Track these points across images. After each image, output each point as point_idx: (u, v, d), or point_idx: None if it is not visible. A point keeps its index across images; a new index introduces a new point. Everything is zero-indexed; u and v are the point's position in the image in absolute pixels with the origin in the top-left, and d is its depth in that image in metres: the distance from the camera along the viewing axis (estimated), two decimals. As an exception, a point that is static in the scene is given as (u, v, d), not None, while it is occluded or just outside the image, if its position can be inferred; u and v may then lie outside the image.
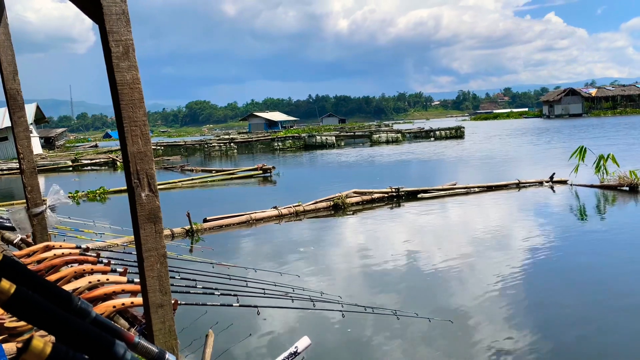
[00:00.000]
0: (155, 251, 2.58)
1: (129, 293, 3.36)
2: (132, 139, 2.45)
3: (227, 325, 4.91)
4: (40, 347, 0.98)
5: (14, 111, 4.41)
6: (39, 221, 4.52)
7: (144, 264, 2.56)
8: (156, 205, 2.54)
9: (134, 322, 3.37)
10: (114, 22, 2.38)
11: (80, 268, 3.63)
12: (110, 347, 1.40)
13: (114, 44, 2.39)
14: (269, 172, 22.88)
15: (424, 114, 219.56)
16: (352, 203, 13.56)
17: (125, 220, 9.29)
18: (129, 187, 2.49)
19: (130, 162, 2.45)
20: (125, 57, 2.41)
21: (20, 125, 4.42)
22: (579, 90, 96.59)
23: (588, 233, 9.92)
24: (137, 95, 2.45)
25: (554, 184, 15.42)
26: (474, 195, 14.60)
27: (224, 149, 43.82)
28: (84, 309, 1.77)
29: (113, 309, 2.92)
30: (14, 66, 4.34)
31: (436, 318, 5.09)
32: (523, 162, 23.47)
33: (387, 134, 47.91)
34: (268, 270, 5.79)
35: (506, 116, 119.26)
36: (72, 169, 34.43)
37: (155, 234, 2.56)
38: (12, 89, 4.35)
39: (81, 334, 1.36)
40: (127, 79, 2.42)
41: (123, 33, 2.41)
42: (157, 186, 2.57)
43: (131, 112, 2.44)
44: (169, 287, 2.64)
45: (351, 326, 5.23)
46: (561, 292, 6.51)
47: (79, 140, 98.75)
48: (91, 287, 3.37)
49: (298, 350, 2.63)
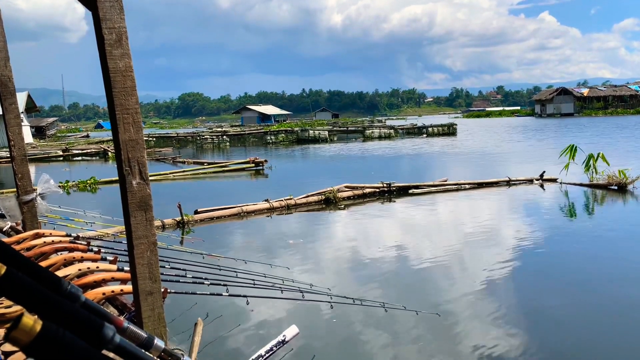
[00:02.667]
0: (145, 239, 2.59)
1: (119, 281, 3.38)
2: (124, 127, 2.46)
3: (217, 315, 4.94)
4: (30, 324, 0.99)
5: (5, 98, 4.39)
6: (29, 209, 4.51)
7: (134, 252, 2.58)
8: (147, 193, 2.55)
9: (123, 310, 3.38)
10: (108, 9, 2.39)
11: (70, 256, 3.63)
12: (100, 330, 1.41)
13: (107, 32, 2.39)
14: (261, 165, 22.87)
15: (416, 111, 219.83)
16: (344, 197, 13.60)
17: (116, 210, 9.26)
18: (120, 174, 2.50)
19: (122, 150, 2.46)
20: (118, 45, 2.41)
21: (11, 112, 4.41)
22: (571, 89, 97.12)
23: (577, 231, 10.03)
24: (129, 83, 2.45)
25: (544, 182, 15.54)
26: (464, 191, 14.68)
27: (216, 142, 43.70)
28: (74, 293, 1.79)
29: (102, 295, 2.93)
30: (5, 52, 4.32)
31: (424, 311, 5.15)
32: (514, 159, 23.62)
33: (380, 129, 47.97)
34: (258, 262, 5.81)
35: (498, 114, 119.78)
36: (62, 158, 34.17)
37: (145, 222, 2.57)
38: (3, 75, 4.33)
39: (70, 316, 1.38)
40: (120, 67, 2.43)
41: (116, 20, 2.41)
42: (148, 174, 2.58)
43: (123, 99, 2.45)
44: (158, 275, 2.66)
45: (340, 317, 5.28)
46: (548, 289, 6.59)
47: (71, 130, 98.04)
48: (81, 274, 3.37)
49: (286, 339, 2.66)
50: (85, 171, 23.45)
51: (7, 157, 32.66)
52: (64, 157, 34.45)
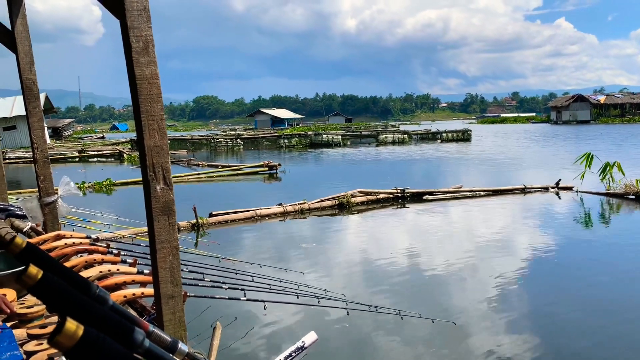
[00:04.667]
0: (168, 243, 2.63)
1: (139, 284, 3.42)
2: (150, 133, 2.50)
3: (233, 319, 4.96)
4: (73, 329, 1.03)
5: (29, 101, 4.47)
6: (50, 210, 4.58)
7: (157, 256, 2.61)
8: (170, 198, 2.59)
9: (142, 312, 3.42)
10: (135, 17, 2.43)
11: (91, 258, 3.69)
12: (130, 334, 1.45)
13: (135, 39, 2.44)
14: (274, 169, 22.94)
15: (430, 116, 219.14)
16: (357, 203, 13.59)
17: (132, 212, 9.35)
18: (144, 180, 2.54)
19: (147, 156, 2.50)
20: (145, 53, 2.46)
21: (35, 116, 4.49)
22: (588, 96, 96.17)
23: (594, 240, 9.92)
24: (155, 90, 2.50)
25: (559, 190, 15.40)
26: (479, 198, 14.60)
27: (230, 145, 43.93)
28: (102, 297, 1.83)
29: (124, 298, 2.97)
30: (30, 57, 4.41)
31: (439, 319, 5.13)
32: (529, 166, 23.43)
33: (394, 134, 47.84)
34: (273, 266, 5.84)
35: (513, 120, 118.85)
36: (78, 159, 34.57)
37: (168, 227, 2.61)
38: (28, 79, 4.41)
39: (102, 320, 1.41)
40: (146, 74, 2.47)
41: (143, 29, 2.45)
42: (171, 180, 2.62)
43: (149, 106, 2.49)
44: (180, 279, 2.69)
45: (354, 324, 5.28)
46: (564, 299, 6.53)
47: (86, 131, 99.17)
48: (101, 276, 3.42)
49: (305, 345, 2.68)
50: (101, 172, 23.71)
51: (25, 157, 33.12)
52: (79, 158, 34.86)
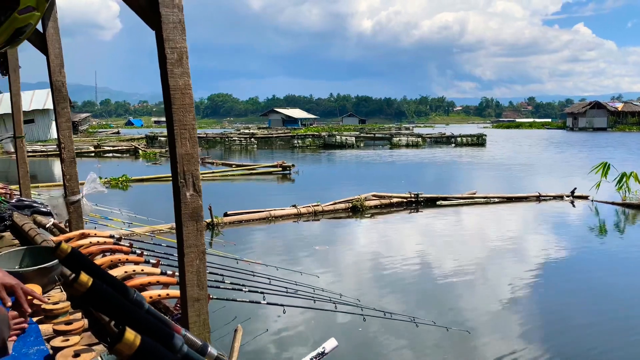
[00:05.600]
0: (195, 248, 2.71)
1: (162, 284, 3.51)
2: (181, 142, 2.59)
3: (252, 322, 5.06)
4: (132, 339, 1.11)
5: (58, 102, 4.58)
6: (75, 209, 4.70)
7: (184, 260, 2.70)
8: (199, 204, 2.67)
9: (166, 313, 3.52)
10: (171, 30, 2.52)
11: (116, 257, 3.79)
12: (171, 339, 1.53)
13: (169, 51, 2.52)
14: (288, 169, 23.05)
15: (445, 119, 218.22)
16: (371, 206, 13.64)
17: (149, 210, 9.46)
18: (174, 186, 2.63)
19: (178, 163, 2.59)
20: (179, 64, 2.55)
21: (63, 116, 4.61)
22: (605, 103, 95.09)
23: (609, 250, 9.88)
24: (187, 101, 2.58)
25: (574, 199, 15.32)
26: (493, 205, 14.57)
27: (244, 144, 44.16)
28: (139, 301, 1.92)
29: (150, 299, 3.06)
30: (60, 59, 4.52)
31: (454, 328, 5.17)
32: (544, 173, 23.30)
33: (408, 137, 47.76)
34: (289, 269, 5.93)
35: (529, 126, 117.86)
36: (94, 154, 34.99)
37: (196, 232, 2.69)
38: (57, 81, 4.53)
39: (146, 326, 1.49)
40: (180, 85, 2.56)
41: (178, 41, 2.54)
42: (201, 186, 2.70)
43: (182, 115, 2.58)
44: (205, 283, 2.77)
45: (369, 330, 5.34)
46: (580, 310, 6.53)
47: (102, 125, 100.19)
48: (127, 276, 3.52)
49: (325, 351, 2.75)
50: (117, 168, 23.99)
51: (41, 151, 33.62)
52: (95, 153, 35.28)
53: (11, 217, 5.17)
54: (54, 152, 33.59)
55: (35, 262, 3.40)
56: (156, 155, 33.00)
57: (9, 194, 6.80)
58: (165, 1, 2.49)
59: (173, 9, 2.52)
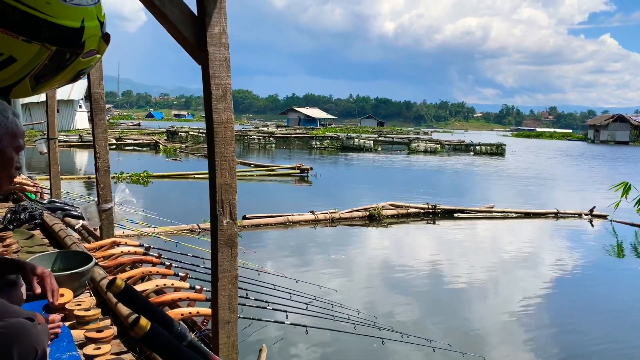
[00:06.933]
0: (228, 273, 2.84)
1: (191, 300, 3.65)
2: (221, 172, 2.72)
3: (274, 339, 5.18)
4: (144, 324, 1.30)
5: (96, 113, 4.76)
6: (107, 216, 4.87)
7: (218, 284, 2.83)
8: (234, 232, 2.80)
9: (193, 328, 3.66)
10: (217, 67, 2.65)
11: (147, 270, 3.94)
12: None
13: (215, 87, 2.65)
14: (306, 172, 23.19)
15: (464, 125, 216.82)
16: (388, 215, 13.71)
17: (170, 208, 9.66)
18: (212, 214, 2.76)
19: (217, 192, 2.72)
20: (223, 99, 2.68)
21: (100, 127, 4.78)
22: (628, 117, 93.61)
23: (628, 271, 9.85)
24: (229, 134, 2.71)
25: (593, 218, 15.21)
26: (510, 220, 14.54)
27: (262, 143, 44.43)
28: (183, 333, 2.05)
29: (181, 316, 3.20)
30: (100, 72, 4.69)
31: (470, 353, 5.23)
32: (563, 188, 23.11)
33: (426, 143, 47.62)
34: (308, 282, 6.04)
35: (549, 136, 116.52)
36: (115, 147, 35.44)
37: (230, 257, 2.82)
38: (96, 93, 4.70)
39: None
40: (223, 119, 2.69)
41: (223, 77, 2.67)
42: (237, 214, 2.83)
43: (223, 148, 2.71)
44: (237, 306, 2.90)
45: (386, 350, 5.41)
46: (601, 335, 6.52)
47: (123, 116, 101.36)
48: (158, 290, 3.67)
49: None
50: (137, 162, 24.31)
51: (64, 140, 34.14)
52: (116, 146, 35.73)
53: (41, 216, 5.38)
54: (76, 143, 34.18)
55: (67, 266, 3.56)
56: (176, 151, 33.37)
57: (40, 193, 7.03)
58: (213, 40, 2.62)
59: (220, 48, 2.65)
